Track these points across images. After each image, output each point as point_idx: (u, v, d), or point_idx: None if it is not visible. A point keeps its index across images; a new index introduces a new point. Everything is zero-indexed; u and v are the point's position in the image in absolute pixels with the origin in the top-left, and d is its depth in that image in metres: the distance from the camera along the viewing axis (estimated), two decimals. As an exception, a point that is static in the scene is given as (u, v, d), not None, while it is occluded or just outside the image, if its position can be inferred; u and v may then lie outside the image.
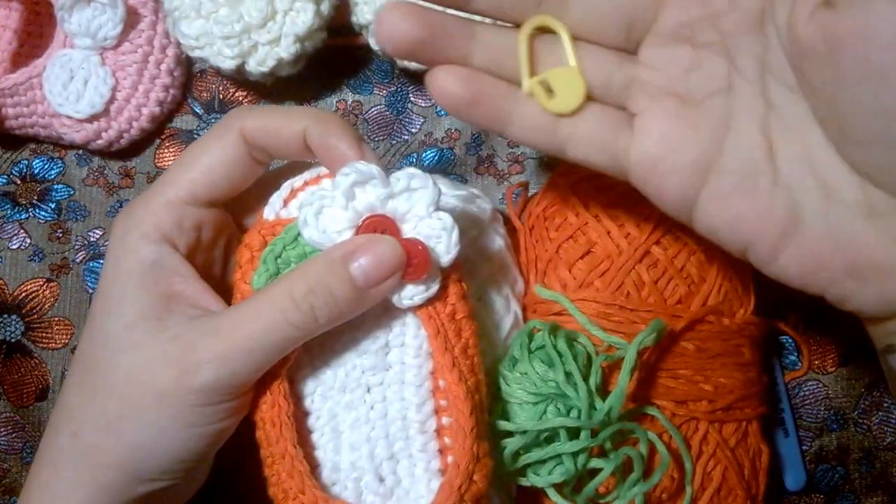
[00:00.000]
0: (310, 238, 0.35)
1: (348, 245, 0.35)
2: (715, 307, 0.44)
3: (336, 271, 0.34)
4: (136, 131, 0.52)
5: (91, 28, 0.49)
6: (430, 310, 0.37)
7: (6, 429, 0.53)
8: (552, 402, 0.41)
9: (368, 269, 0.34)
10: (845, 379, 0.51)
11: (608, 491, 0.42)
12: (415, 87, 0.54)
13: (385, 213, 0.36)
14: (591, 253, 0.44)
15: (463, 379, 0.36)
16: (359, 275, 0.34)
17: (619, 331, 0.42)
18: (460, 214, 0.44)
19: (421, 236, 0.36)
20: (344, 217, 0.35)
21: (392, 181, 0.35)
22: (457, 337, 0.37)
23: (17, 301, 0.54)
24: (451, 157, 0.53)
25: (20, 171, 0.54)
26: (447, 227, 0.36)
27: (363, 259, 0.34)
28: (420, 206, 0.36)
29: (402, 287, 0.36)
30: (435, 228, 0.36)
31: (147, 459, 0.35)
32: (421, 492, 0.36)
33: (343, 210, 0.35)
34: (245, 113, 0.38)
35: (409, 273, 0.35)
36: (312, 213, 0.35)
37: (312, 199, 0.35)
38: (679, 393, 0.43)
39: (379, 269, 0.35)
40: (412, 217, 0.36)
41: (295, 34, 0.47)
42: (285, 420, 0.36)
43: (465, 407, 0.35)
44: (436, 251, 0.36)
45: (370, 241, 0.35)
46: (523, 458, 0.41)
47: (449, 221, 0.36)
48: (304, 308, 0.34)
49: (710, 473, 0.44)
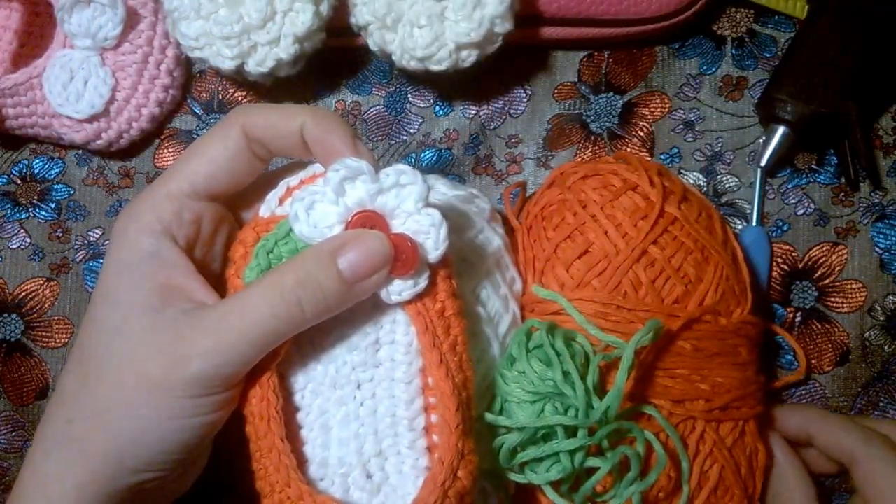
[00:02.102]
0: (300, 233, 0.36)
1: (337, 239, 0.35)
2: (712, 307, 0.44)
3: (324, 265, 0.35)
4: (135, 131, 0.52)
5: (91, 29, 0.49)
6: (419, 306, 0.37)
7: (6, 427, 0.53)
8: (550, 401, 0.41)
9: (356, 263, 0.35)
10: (842, 379, 0.51)
11: (605, 489, 0.42)
12: (413, 88, 0.54)
13: (374, 209, 0.36)
14: (588, 253, 0.44)
15: (450, 376, 0.36)
16: (347, 269, 0.35)
17: (617, 330, 0.43)
18: (456, 213, 0.44)
19: (410, 232, 0.36)
20: (334, 212, 0.36)
21: (381, 177, 0.35)
22: (445, 334, 0.37)
23: (17, 300, 0.54)
24: (449, 157, 0.54)
25: (20, 170, 0.55)
26: (436, 222, 0.36)
27: (351, 253, 0.35)
28: (409, 202, 0.36)
29: (390, 282, 0.36)
30: (423, 224, 0.36)
31: (135, 449, 0.35)
32: (408, 489, 0.36)
33: (333, 205, 0.36)
34: (247, 109, 0.39)
35: (398, 268, 0.36)
36: (303, 208, 0.36)
37: (304, 195, 0.36)
38: (676, 392, 0.43)
39: (367, 263, 0.35)
40: (401, 213, 0.36)
41: (294, 35, 0.47)
42: (273, 414, 0.36)
43: (452, 403, 0.36)
44: (424, 247, 0.36)
45: (358, 235, 0.35)
46: (521, 456, 0.41)
47: (437, 217, 0.36)
48: (291, 301, 0.34)
49: (706, 472, 0.44)
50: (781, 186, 0.52)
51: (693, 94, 0.53)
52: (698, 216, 0.45)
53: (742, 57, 0.53)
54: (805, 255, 0.52)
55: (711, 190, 0.53)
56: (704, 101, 0.53)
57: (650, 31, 0.51)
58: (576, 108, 0.53)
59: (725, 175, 0.53)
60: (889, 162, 0.52)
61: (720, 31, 0.53)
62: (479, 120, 0.54)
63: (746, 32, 0.53)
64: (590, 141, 0.53)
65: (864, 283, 0.51)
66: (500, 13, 0.46)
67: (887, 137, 0.52)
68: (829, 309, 0.52)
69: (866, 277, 0.52)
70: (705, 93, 0.53)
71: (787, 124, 0.50)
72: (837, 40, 0.48)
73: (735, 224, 0.52)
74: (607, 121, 0.53)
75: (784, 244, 0.52)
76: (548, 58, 0.54)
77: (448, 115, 0.54)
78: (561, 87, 0.54)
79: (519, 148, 0.53)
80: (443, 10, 0.46)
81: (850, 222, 0.52)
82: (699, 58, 0.53)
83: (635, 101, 0.53)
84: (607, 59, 0.53)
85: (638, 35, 0.51)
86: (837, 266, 0.52)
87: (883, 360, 0.51)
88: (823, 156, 0.52)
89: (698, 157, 0.53)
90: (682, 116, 0.53)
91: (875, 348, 0.51)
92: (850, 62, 0.48)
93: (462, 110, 0.54)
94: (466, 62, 0.48)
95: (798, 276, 0.52)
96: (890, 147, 0.52)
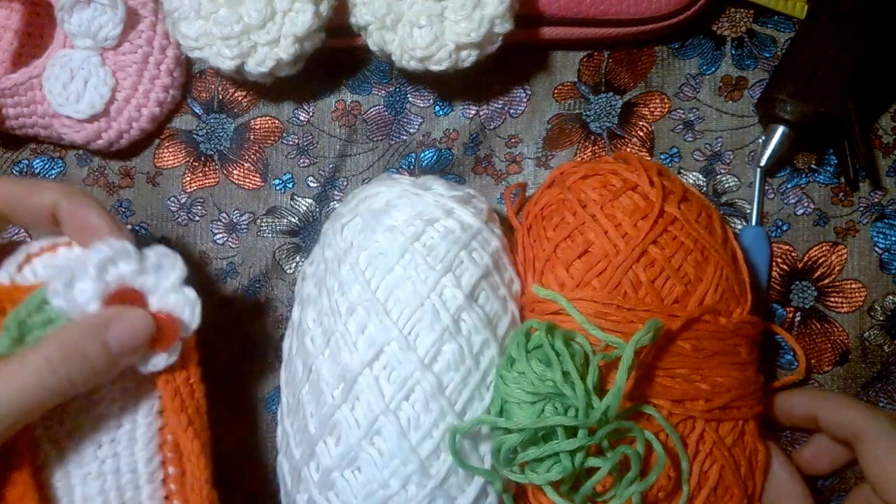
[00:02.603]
0: (59, 306, 0.38)
1: (104, 314, 0.38)
2: (711, 307, 0.44)
3: (92, 338, 0.37)
4: (135, 131, 0.52)
5: (91, 29, 0.49)
6: (168, 375, 0.41)
7: None
8: (550, 401, 0.41)
9: (123, 337, 0.38)
10: (841, 378, 0.52)
11: (605, 489, 0.42)
12: (413, 88, 0.54)
13: (134, 287, 0.40)
14: (588, 252, 0.44)
15: (198, 435, 0.42)
16: (114, 342, 0.38)
17: (617, 330, 0.43)
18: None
19: (168, 308, 0.40)
20: (94, 289, 0.39)
21: (144, 258, 0.40)
22: (190, 398, 0.42)
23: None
24: (449, 157, 0.54)
25: (21, 170, 0.55)
26: (191, 301, 0.41)
27: (118, 328, 0.38)
28: (167, 282, 0.40)
29: (149, 354, 0.40)
30: (180, 302, 0.41)
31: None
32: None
33: (94, 282, 0.39)
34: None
35: (160, 342, 0.40)
36: (62, 283, 0.38)
37: (64, 271, 0.39)
38: (676, 392, 0.43)
39: (132, 337, 0.38)
40: (160, 291, 0.40)
41: (294, 35, 0.47)
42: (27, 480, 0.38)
43: (201, 460, 0.42)
44: (181, 322, 0.41)
45: (123, 311, 0.38)
46: (521, 456, 0.41)
47: (193, 296, 0.41)
48: (60, 373, 0.36)
49: (706, 472, 0.44)
50: (781, 186, 0.52)
51: (693, 93, 0.53)
52: (698, 216, 0.45)
53: (741, 57, 0.53)
54: (804, 255, 0.52)
55: (711, 190, 0.53)
56: (704, 100, 0.53)
57: (650, 31, 0.51)
58: (575, 108, 0.53)
59: (725, 175, 0.53)
60: (888, 162, 0.52)
61: (720, 31, 0.53)
62: (478, 120, 0.54)
63: (746, 32, 0.53)
64: (589, 141, 0.53)
65: (864, 283, 0.52)
66: (499, 13, 0.46)
67: (887, 137, 0.52)
68: (828, 309, 0.52)
69: (866, 277, 0.52)
70: (705, 93, 0.53)
71: (787, 124, 0.50)
72: (837, 40, 0.48)
73: (735, 224, 0.52)
74: (607, 121, 0.53)
75: (783, 244, 0.52)
76: (547, 58, 0.54)
77: (448, 114, 0.54)
78: (561, 87, 0.54)
79: (519, 148, 0.53)
80: (442, 10, 0.47)
81: (849, 222, 0.52)
82: (699, 58, 0.53)
83: (635, 101, 0.53)
84: (607, 59, 0.53)
85: (637, 35, 0.51)
86: (837, 266, 0.52)
87: (882, 360, 0.51)
88: (823, 156, 0.52)
89: (698, 157, 0.53)
90: (681, 116, 0.53)
91: (874, 348, 0.51)
92: (849, 62, 0.48)
93: (462, 110, 0.54)
94: (466, 62, 0.48)
95: (797, 276, 0.52)
96: (889, 147, 0.52)
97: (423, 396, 0.42)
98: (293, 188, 0.54)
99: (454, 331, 0.42)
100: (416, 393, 0.42)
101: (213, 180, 0.54)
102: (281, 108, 0.54)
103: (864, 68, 0.48)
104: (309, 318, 0.45)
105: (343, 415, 0.42)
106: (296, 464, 0.44)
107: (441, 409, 0.42)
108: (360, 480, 0.42)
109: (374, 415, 0.42)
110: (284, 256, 0.54)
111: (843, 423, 0.44)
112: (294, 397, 0.45)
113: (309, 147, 0.54)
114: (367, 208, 0.46)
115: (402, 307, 0.42)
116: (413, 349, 0.42)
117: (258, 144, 0.54)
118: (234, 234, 0.54)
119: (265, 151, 0.54)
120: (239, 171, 0.54)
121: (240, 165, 0.54)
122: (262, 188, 0.54)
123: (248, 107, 0.54)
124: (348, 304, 0.43)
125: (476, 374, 0.43)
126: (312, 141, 0.54)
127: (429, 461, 0.42)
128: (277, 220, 0.54)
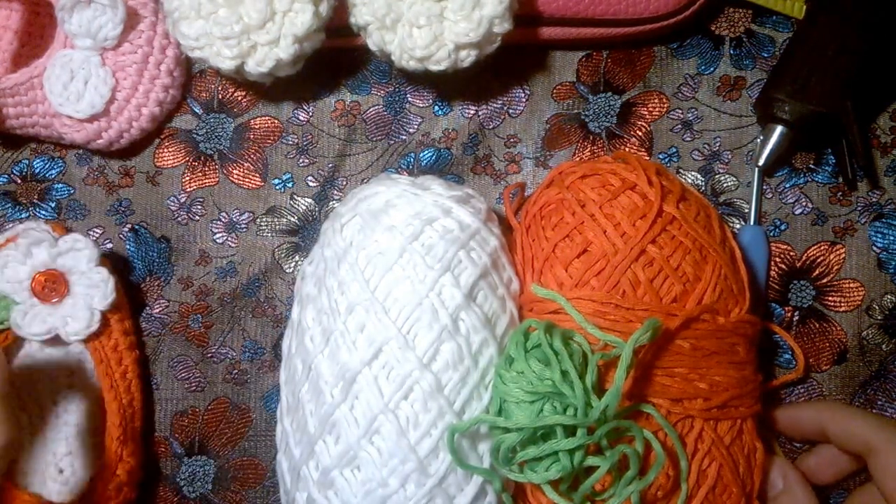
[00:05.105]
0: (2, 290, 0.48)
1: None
2: (710, 306, 0.44)
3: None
4: (136, 131, 0.52)
5: (91, 29, 0.49)
6: (97, 343, 0.49)
7: None
8: (549, 401, 0.41)
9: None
10: (840, 377, 0.52)
11: (604, 488, 0.42)
12: (412, 88, 0.54)
13: (55, 268, 0.48)
14: (587, 252, 0.44)
15: (118, 397, 0.49)
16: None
17: (615, 329, 0.43)
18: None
19: (83, 286, 0.48)
20: (23, 270, 0.48)
21: (60, 243, 0.48)
22: (118, 364, 0.50)
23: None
24: (448, 156, 0.54)
25: (21, 170, 0.55)
26: (104, 279, 0.48)
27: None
28: (82, 263, 0.48)
29: (66, 325, 0.48)
30: (94, 280, 0.48)
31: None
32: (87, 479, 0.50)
33: (22, 265, 0.48)
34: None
35: (56, 292, 0.48)
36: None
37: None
38: (674, 391, 0.43)
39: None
40: (77, 271, 0.48)
41: (294, 35, 0.47)
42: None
43: (116, 419, 0.49)
44: (95, 297, 0.48)
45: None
46: (520, 455, 0.41)
47: (105, 274, 0.48)
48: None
49: (705, 471, 0.44)
50: (779, 186, 0.52)
51: (691, 93, 0.53)
52: (696, 215, 0.45)
53: (740, 57, 0.53)
54: (803, 255, 0.52)
55: (709, 189, 0.53)
56: (702, 100, 0.53)
57: (648, 31, 0.51)
58: (574, 107, 0.54)
59: (723, 174, 0.53)
60: (886, 161, 0.52)
61: (718, 30, 0.53)
62: (477, 119, 0.54)
63: (744, 32, 0.53)
64: (588, 140, 0.53)
65: (862, 283, 0.52)
66: (498, 13, 0.46)
67: (885, 137, 0.52)
68: (826, 308, 0.52)
69: (864, 276, 0.52)
70: (703, 92, 0.53)
71: (785, 124, 0.50)
72: (835, 40, 0.49)
73: (733, 223, 0.52)
74: (606, 120, 0.53)
75: (782, 243, 0.52)
76: (546, 58, 0.54)
77: (447, 114, 0.54)
78: (559, 86, 0.54)
79: (518, 147, 0.54)
80: (442, 10, 0.47)
81: (847, 221, 0.52)
82: (697, 58, 0.53)
83: (634, 101, 0.53)
84: (606, 58, 0.54)
85: (636, 35, 0.52)
86: (835, 265, 0.52)
87: (880, 359, 0.51)
88: (821, 155, 0.53)
89: (696, 157, 0.53)
90: (680, 116, 0.53)
91: (872, 347, 0.51)
92: (847, 62, 0.48)
93: (461, 110, 0.54)
94: (465, 62, 0.48)
95: (796, 276, 0.52)
96: (887, 146, 0.52)
97: (422, 395, 0.42)
98: (293, 188, 0.54)
99: (453, 330, 0.42)
100: (414, 392, 0.42)
101: (213, 180, 0.54)
102: (280, 108, 0.54)
103: (863, 68, 0.48)
104: (308, 317, 0.45)
105: (342, 414, 0.42)
106: (295, 462, 0.45)
107: (440, 409, 0.42)
108: (359, 479, 0.42)
109: (374, 414, 0.42)
110: (284, 256, 0.54)
111: (853, 436, 0.44)
112: (293, 396, 0.45)
113: (308, 147, 0.54)
114: (367, 208, 0.46)
115: (401, 306, 0.43)
116: (412, 348, 0.42)
117: (258, 144, 0.54)
118: (233, 233, 0.54)
119: (265, 151, 0.54)
120: (238, 170, 0.54)
121: (239, 165, 0.54)
122: (262, 188, 0.54)
123: (247, 106, 0.54)
124: (347, 304, 0.43)
125: (475, 374, 0.43)
126: (312, 141, 0.54)
127: (427, 460, 0.42)
128: (277, 220, 0.54)
